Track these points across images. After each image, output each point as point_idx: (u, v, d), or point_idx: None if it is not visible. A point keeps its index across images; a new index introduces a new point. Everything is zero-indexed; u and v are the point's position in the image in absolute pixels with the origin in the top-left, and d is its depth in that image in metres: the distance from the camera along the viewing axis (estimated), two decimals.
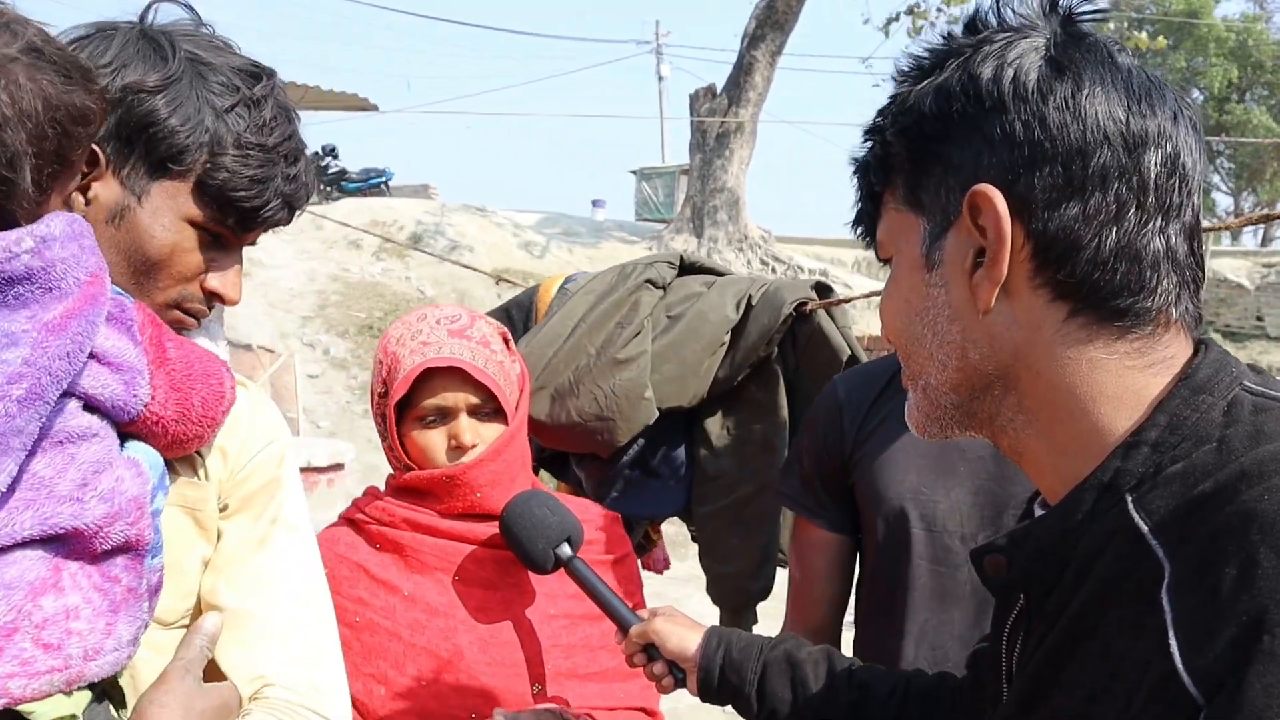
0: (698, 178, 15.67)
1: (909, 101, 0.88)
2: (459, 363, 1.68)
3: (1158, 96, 0.84)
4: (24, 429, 0.86)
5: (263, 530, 1.21)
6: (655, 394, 2.24)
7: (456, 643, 1.65)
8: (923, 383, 0.91)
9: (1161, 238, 0.82)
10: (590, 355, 2.23)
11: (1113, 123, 0.81)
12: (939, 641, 1.62)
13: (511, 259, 15.23)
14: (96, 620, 0.94)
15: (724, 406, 2.33)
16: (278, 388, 9.87)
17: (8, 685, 0.87)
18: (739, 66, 14.94)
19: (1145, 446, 0.80)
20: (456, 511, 1.70)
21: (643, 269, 2.35)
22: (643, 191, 23.65)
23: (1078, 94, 0.82)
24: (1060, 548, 0.83)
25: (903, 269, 0.91)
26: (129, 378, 0.99)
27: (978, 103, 0.84)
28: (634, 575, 1.89)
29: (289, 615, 1.20)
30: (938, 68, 0.88)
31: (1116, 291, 0.81)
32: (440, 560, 1.69)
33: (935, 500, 1.62)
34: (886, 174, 0.92)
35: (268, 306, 12.75)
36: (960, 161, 0.85)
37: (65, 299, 0.88)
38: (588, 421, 2.21)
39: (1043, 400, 0.85)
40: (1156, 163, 0.81)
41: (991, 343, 0.85)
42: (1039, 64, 0.83)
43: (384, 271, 14.20)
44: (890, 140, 0.90)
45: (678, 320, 2.29)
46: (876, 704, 1.28)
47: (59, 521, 0.90)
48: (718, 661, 1.37)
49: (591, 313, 2.28)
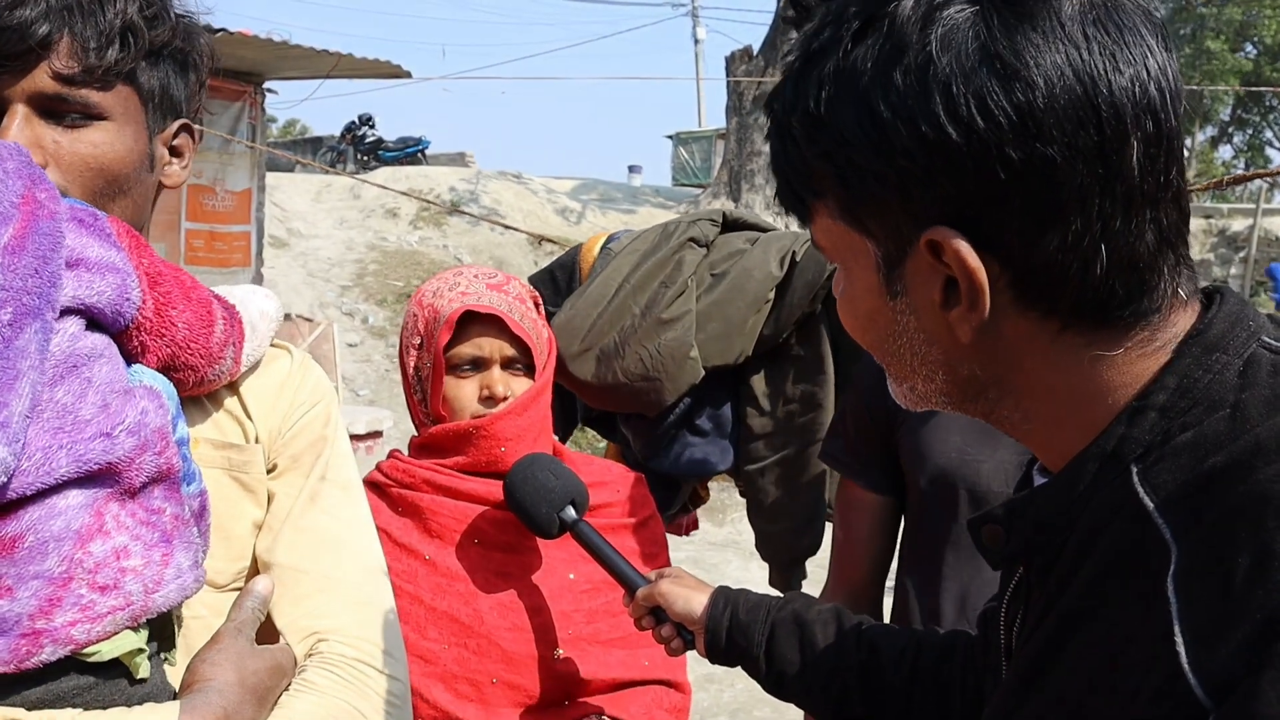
0: (734, 141, 15.55)
1: (820, 114, 0.75)
2: (499, 312, 1.69)
3: (1128, 38, 0.70)
4: (26, 349, 0.87)
5: (313, 487, 1.21)
6: (701, 353, 2.23)
7: (476, 607, 1.66)
8: (908, 385, 0.84)
9: (1154, 227, 0.72)
10: (635, 315, 2.22)
11: (1084, 131, 0.68)
12: (979, 603, 1.60)
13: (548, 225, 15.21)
14: (151, 553, 0.94)
15: (769, 364, 2.32)
16: (317, 356, 9.95)
17: (71, 633, 0.88)
18: (775, 27, 14.77)
19: (1152, 411, 0.72)
20: (480, 466, 1.71)
21: (685, 227, 2.33)
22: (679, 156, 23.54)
23: (1032, 106, 0.68)
24: (1060, 520, 0.77)
25: (857, 288, 0.81)
26: (119, 280, 0.99)
27: (913, 129, 0.70)
28: (658, 537, 1.89)
29: (342, 571, 1.20)
30: (843, 46, 0.74)
31: (1116, 304, 0.73)
32: (460, 523, 1.70)
33: (979, 460, 1.60)
34: (812, 187, 0.79)
35: (306, 276, 12.83)
36: (906, 194, 0.73)
37: (10, 222, 0.88)
38: (634, 382, 2.20)
39: (1044, 401, 0.78)
40: (1140, 153, 0.70)
41: (981, 360, 0.77)
42: (974, 56, 0.69)
43: (421, 240, 14.23)
44: (809, 158, 0.77)
45: (722, 278, 2.27)
46: (888, 663, 1.25)
47: (92, 457, 0.90)
48: (724, 623, 1.35)
49: (635, 273, 2.27)
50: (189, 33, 1.21)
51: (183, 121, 1.23)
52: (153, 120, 1.18)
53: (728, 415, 2.34)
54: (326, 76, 10.04)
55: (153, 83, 1.16)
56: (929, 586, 1.65)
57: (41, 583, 0.88)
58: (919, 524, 1.71)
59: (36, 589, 0.87)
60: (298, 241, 13.60)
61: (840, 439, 1.82)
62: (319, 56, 9.09)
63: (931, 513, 1.66)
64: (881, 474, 1.75)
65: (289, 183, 15.01)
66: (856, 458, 1.78)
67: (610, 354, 2.21)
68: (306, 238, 13.78)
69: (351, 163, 20.93)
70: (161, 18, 1.16)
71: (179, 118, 1.22)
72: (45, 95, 1.07)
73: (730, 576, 6.87)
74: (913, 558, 1.72)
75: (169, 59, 1.18)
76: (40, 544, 0.88)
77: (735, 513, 7.55)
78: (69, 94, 1.08)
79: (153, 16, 1.14)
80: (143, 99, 1.16)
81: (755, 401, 2.31)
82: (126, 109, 1.13)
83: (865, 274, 0.79)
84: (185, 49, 1.20)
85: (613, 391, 2.24)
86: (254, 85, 9.34)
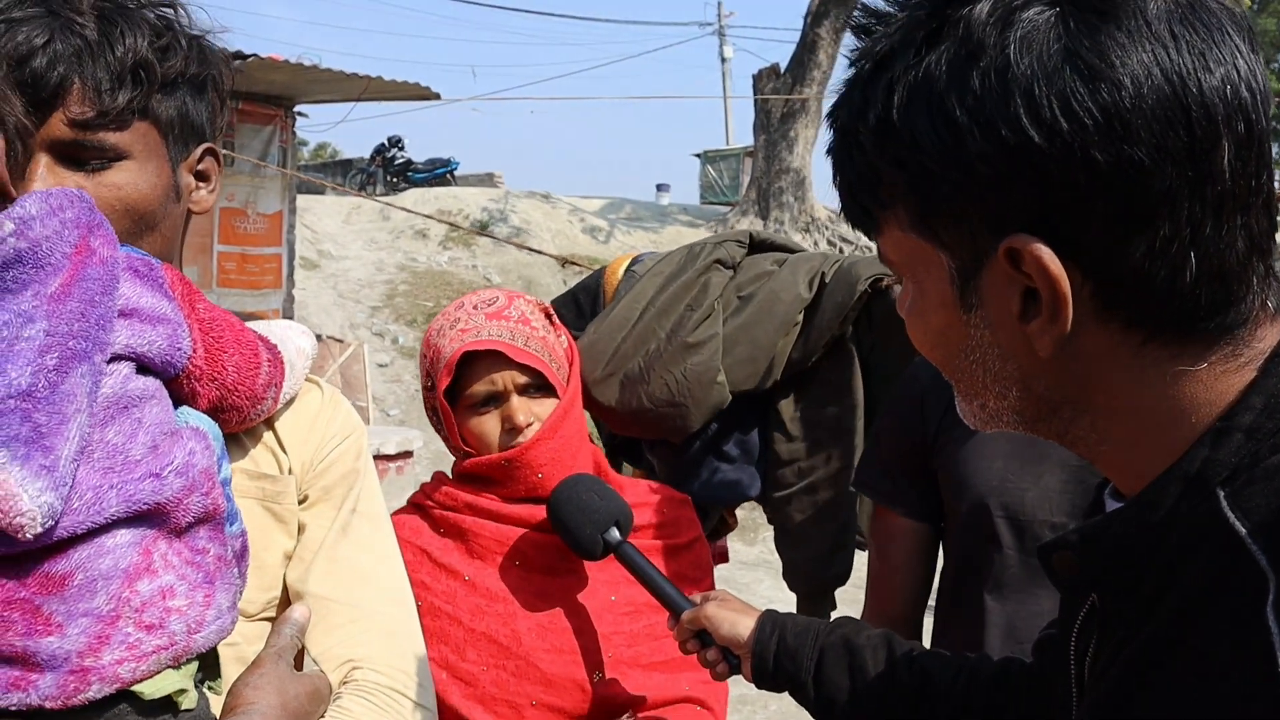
0: (763, 159, 15.54)
1: (892, 120, 0.72)
2: (497, 344, 1.66)
3: (1216, 38, 0.67)
4: (73, 392, 0.88)
5: (344, 519, 1.25)
6: (728, 377, 2.19)
7: (515, 629, 1.64)
8: (979, 403, 0.81)
9: (1244, 233, 0.69)
10: (660, 340, 2.19)
11: (1174, 131, 0.66)
12: (1027, 635, 1.54)
13: (576, 245, 15.25)
14: (194, 594, 0.97)
15: (798, 388, 2.28)
16: (347, 377, 9.99)
17: (118, 671, 0.90)
18: (802, 45, 14.76)
19: (1238, 433, 0.69)
20: (519, 495, 1.69)
21: (711, 249, 2.30)
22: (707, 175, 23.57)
23: (1120, 106, 0.65)
24: (1140, 546, 0.73)
25: (929, 302, 0.78)
26: (169, 330, 1.01)
27: (990, 132, 0.68)
28: (703, 560, 1.86)
29: (373, 602, 1.23)
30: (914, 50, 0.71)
31: (1202, 315, 0.70)
32: (501, 545, 1.68)
33: (1023, 488, 1.55)
34: (881, 198, 0.77)
35: (337, 297, 12.91)
36: (983, 201, 0.70)
37: (60, 272, 0.90)
38: (659, 407, 2.17)
39: (1122, 419, 0.74)
40: (1231, 155, 0.67)
41: (1057, 376, 0.74)
42: (1057, 57, 0.66)
43: (451, 260, 14.30)
44: (880, 167, 0.75)
45: (749, 301, 2.24)
46: (940, 691, 1.21)
47: (141, 497, 0.92)
48: (772, 647, 1.32)
49: (660, 295, 2.23)
50: (204, 54, 1.20)
51: (206, 146, 1.22)
52: (175, 150, 1.18)
53: (755, 441, 2.30)
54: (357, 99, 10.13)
55: (170, 112, 1.16)
56: (972, 618, 1.60)
57: (90, 620, 0.89)
58: (959, 552, 1.66)
59: (85, 626, 0.89)
60: (328, 263, 13.70)
61: (875, 465, 1.78)
62: (349, 80, 9.18)
63: (972, 540, 1.61)
64: (919, 500, 1.70)
65: (319, 205, 15.14)
66: (893, 484, 1.73)
67: (635, 379, 2.18)
68: (337, 259, 13.88)
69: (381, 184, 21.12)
70: (174, 47, 1.15)
71: (202, 141, 1.22)
72: (63, 143, 1.07)
73: (762, 596, 6.81)
74: (954, 589, 1.68)
75: (185, 85, 1.17)
76: (89, 582, 0.90)
77: (766, 531, 7.50)
78: (86, 139, 1.08)
79: (165, 48, 1.14)
80: (162, 131, 1.16)
81: (783, 427, 2.27)
82: (147, 144, 1.13)
83: (938, 287, 0.76)
84: (201, 73, 1.19)
85: (638, 417, 2.21)
86: (285, 109, 9.44)
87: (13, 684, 0.87)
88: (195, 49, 1.19)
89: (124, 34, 1.09)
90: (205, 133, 1.22)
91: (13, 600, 0.87)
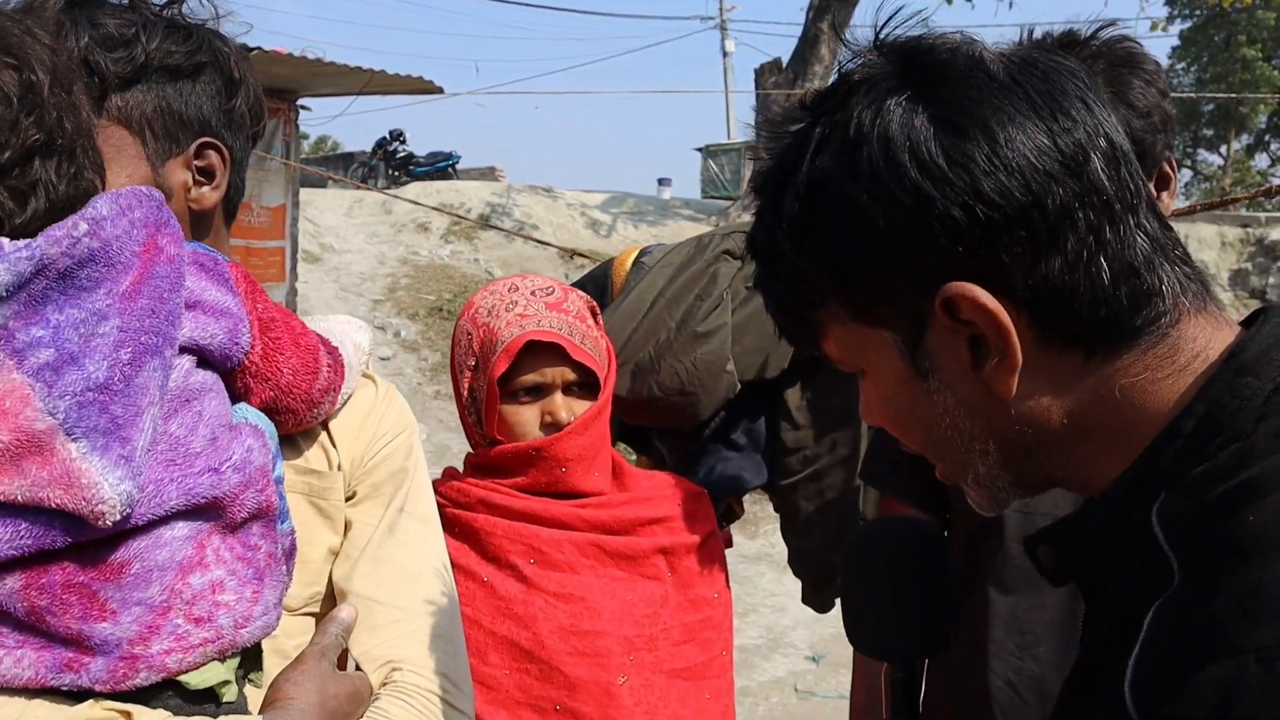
0: None
1: (803, 222, 0.78)
2: (559, 338, 1.64)
3: (1056, 91, 0.75)
4: (146, 385, 0.91)
5: (391, 518, 1.24)
6: (736, 366, 2.22)
7: (537, 631, 1.63)
8: (971, 476, 0.85)
9: (1141, 232, 0.75)
10: (670, 329, 2.22)
11: (1045, 156, 0.73)
12: (1029, 627, 1.57)
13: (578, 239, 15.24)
14: (243, 590, 0.99)
15: (804, 377, 2.31)
16: None
17: (165, 661, 0.94)
18: (804, 40, 14.76)
19: (1179, 439, 0.73)
20: (540, 487, 1.68)
21: (720, 240, 2.33)
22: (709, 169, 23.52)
23: (994, 146, 0.72)
24: (1096, 544, 0.78)
25: (887, 385, 0.82)
26: (231, 324, 1.04)
27: (892, 203, 0.74)
28: (717, 555, 1.85)
29: (417, 604, 1.23)
30: (808, 158, 0.78)
31: (1128, 314, 0.74)
32: (515, 544, 1.67)
33: None
34: (814, 300, 0.81)
35: (339, 290, 12.91)
36: (907, 269, 0.75)
37: (130, 270, 0.92)
38: (670, 396, 2.20)
39: (1088, 438, 0.78)
40: (1102, 167, 0.74)
41: (1021, 418, 0.78)
42: (929, 125, 0.73)
43: (453, 254, 14.30)
44: (804, 269, 0.80)
45: (757, 290, 2.26)
46: None
47: (200, 492, 0.95)
48: None
49: (670, 286, 2.26)
50: (196, 41, 1.14)
51: (203, 140, 1.16)
52: (157, 146, 1.12)
53: (763, 430, 2.33)
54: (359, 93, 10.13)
55: (144, 108, 1.11)
56: (976, 610, 1.61)
57: (143, 609, 0.93)
58: (964, 544, 1.67)
59: (138, 615, 0.92)
60: (330, 256, 13.70)
61: (881, 457, 1.79)
62: (352, 73, 9.18)
63: (978, 532, 1.63)
64: (925, 491, 1.71)
65: (321, 198, 15.13)
66: (899, 476, 1.74)
67: (646, 368, 2.20)
68: (339, 252, 13.88)
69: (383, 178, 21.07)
70: (135, 39, 1.10)
71: (200, 135, 1.15)
72: None
73: (764, 589, 6.84)
74: (957, 580, 1.69)
75: (160, 76, 1.11)
76: (145, 572, 0.93)
77: (768, 525, 7.52)
78: None
79: (123, 40, 1.09)
80: (135, 130, 1.11)
81: (789, 415, 2.30)
82: (111, 145, 1.08)
83: (891, 365, 0.80)
84: (187, 61, 1.13)
85: (648, 406, 2.23)
86: (288, 103, 9.43)
87: (66, 665, 0.90)
88: (179, 36, 1.13)
89: (68, 34, 1.05)
90: (203, 125, 1.15)
91: (71, 584, 0.90)
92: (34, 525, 0.87)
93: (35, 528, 0.87)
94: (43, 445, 0.86)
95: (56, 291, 0.88)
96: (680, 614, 1.64)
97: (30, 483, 0.86)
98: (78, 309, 0.89)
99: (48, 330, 0.87)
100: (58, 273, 0.88)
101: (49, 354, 0.87)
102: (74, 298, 0.89)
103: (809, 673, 5.55)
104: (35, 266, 0.87)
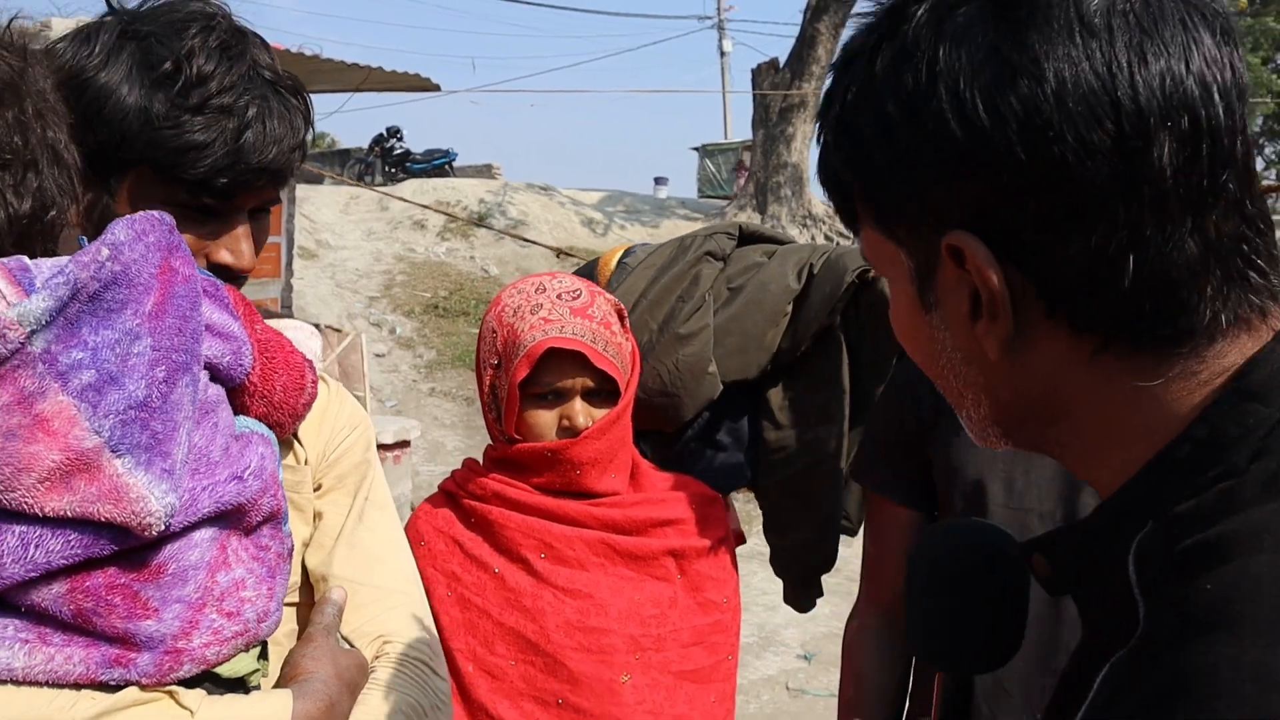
0: (760, 153, 15.54)
1: (844, 119, 0.73)
2: (582, 346, 1.65)
3: (1164, 31, 0.64)
4: (180, 401, 0.97)
5: (360, 507, 1.34)
6: (719, 368, 2.23)
7: (543, 624, 1.65)
8: (965, 413, 0.80)
9: (1196, 238, 0.64)
10: (652, 331, 2.22)
11: (1097, 125, 0.63)
12: None
13: (574, 237, 15.25)
14: (260, 586, 1.06)
15: (787, 377, 2.31)
16: (345, 367, 10.00)
17: (205, 653, 1.00)
18: (801, 40, 14.77)
19: (1174, 464, 0.66)
20: (555, 487, 1.70)
21: (701, 241, 2.33)
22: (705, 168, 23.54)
23: (1039, 90, 0.63)
24: (1088, 559, 0.73)
25: (900, 303, 0.78)
26: (235, 346, 1.10)
27: (919, 128, 0.67)
28: (729, 560, 1.85)
29: (393, 582, 1.33)
30: (868, 54, 0.72)
31: (1149, 324, 0.66)
32: (527, 538, 1.69)
33: (1014, 476, 1.58)
34: (848, 196, 0.77)
35: (335, 287, 12.92)
36: (925, 197, 0.69)
37: (151, 291, 0.96)
38: (652, 398, 2.20)
39: (1089, 430, 0.72)
40: (1171, 151, 0.63)
41: (1016, 383, 0.73)
42: (982, 53, 0.65)
43: (449, 251, 14.30)
44: (839, 167, 0.76)
45: (739, 292, 2.27)
46: None
47: (228, 499, 1.01)
48: None
49: (652, 288, 2.27)
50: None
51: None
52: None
53: (745, 430, 2.34)
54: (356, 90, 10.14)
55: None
56: None
57: (182, 606, 0.98)
58: None
59: (178, 612, 0.98)
60: (326, 253, 13.70)
61: (870, 454, 1.80)
62: (349, 70, 9.20)
63: None
64: (913, 488, 1.72)
65: (317, 194, 15.14)
66: (888, 472, 1.75)
67: None
68: (335, 249, 13.88)
69: (379, 175, 21.06)
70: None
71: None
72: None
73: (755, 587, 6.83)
74: None
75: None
76: (181, 572, 0.98)
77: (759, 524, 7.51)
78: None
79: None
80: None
81: (772, 415, 2.31)
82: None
83: (903, 286, 0.76)
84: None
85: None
86: None
87: (114, 661, 0.95)
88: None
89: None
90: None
91: (115, 585, 0.95)
92: (83, 536, 0.91)
93: (84, 538, 0.91)
94: (90, 463, 0.90)
95: (88, 314, 0.91)
96: (690, 616, 1.65)
97: (80, 498, 0.90)
98: (111, 330, 0.92)
99: (86, 352, 0.90)
100: (88, 296, 0.91)
101: (90, 375, 0.90)
102: (105, 319, 0.92)
103: (800, 671, 5.55)
104: (71, 291, 0.90)
